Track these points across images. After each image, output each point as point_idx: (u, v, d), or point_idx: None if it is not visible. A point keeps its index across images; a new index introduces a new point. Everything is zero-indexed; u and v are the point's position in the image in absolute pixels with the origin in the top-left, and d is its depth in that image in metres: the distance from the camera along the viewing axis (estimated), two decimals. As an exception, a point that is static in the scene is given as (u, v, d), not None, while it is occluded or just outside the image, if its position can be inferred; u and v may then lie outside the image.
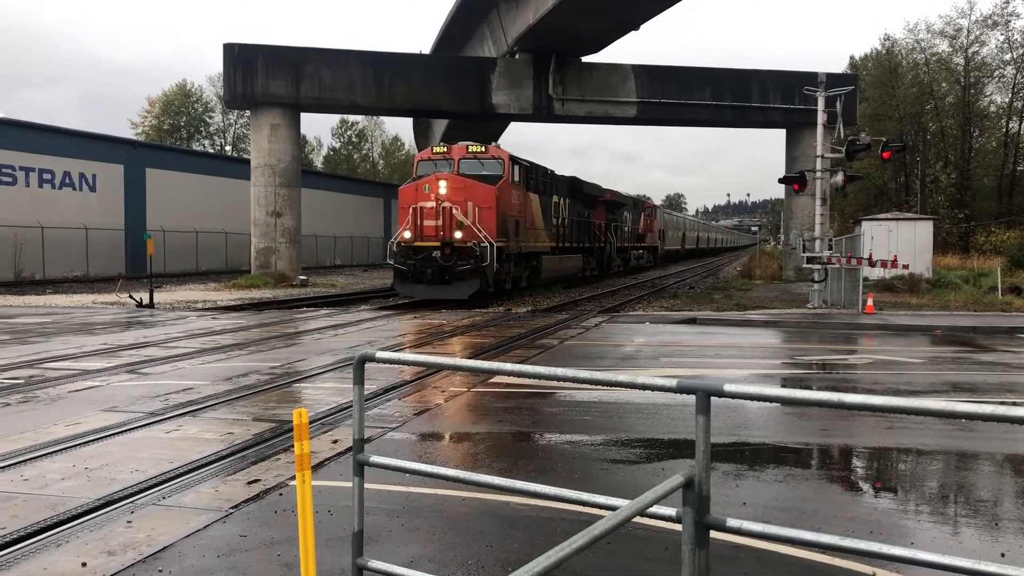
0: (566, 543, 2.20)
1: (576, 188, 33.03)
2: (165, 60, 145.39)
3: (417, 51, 44.59)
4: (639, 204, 49.92)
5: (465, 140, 26.37)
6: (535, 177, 27.53)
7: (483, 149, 24.43)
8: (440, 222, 22.54)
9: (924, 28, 57.94)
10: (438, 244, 22.56)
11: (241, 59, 33.47)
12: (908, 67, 58.93)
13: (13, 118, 39.90)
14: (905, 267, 23.31)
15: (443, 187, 22.71)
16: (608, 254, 39.43)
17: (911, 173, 57.60)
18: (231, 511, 5.41)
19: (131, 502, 5.59)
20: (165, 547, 4.76)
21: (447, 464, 6.59)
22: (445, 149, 24.77)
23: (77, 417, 8.23)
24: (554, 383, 9.89)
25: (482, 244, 22.40)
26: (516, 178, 25.03)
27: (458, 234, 22.48)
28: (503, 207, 23.67)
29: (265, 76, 33.58)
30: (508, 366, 3.31)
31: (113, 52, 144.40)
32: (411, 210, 22.83)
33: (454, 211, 22.46)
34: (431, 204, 22.65)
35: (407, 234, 22.97)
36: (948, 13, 64.97)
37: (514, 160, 24.93)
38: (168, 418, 8.26)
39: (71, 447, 7.05)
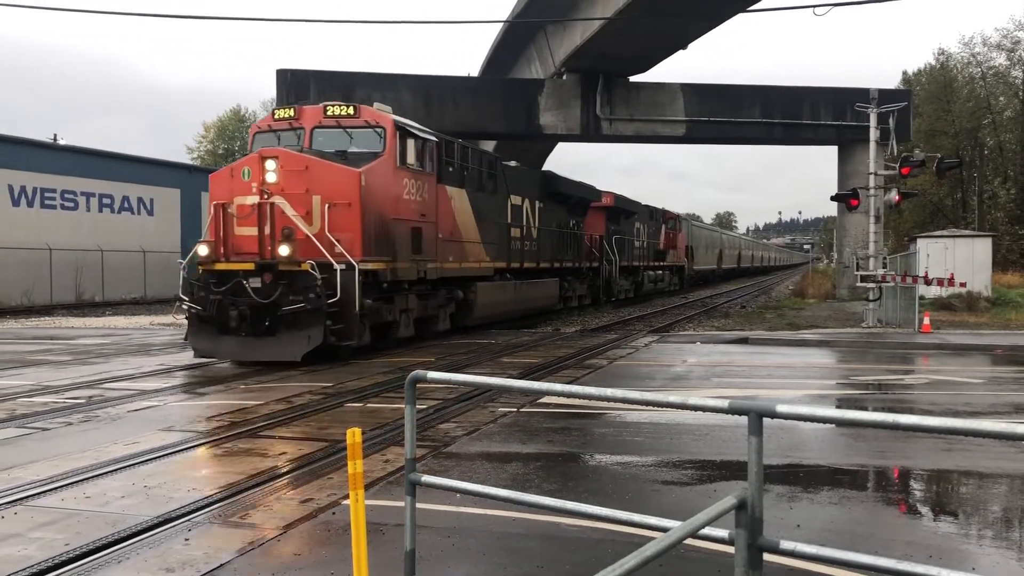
0: (617, 564, 2.20)
1: (550, 187, 24.73)
2: (230, 87, 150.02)
3: (465, 74, 45.03)
4: (657, 214, 40.60)
5: (513, 161, 23.68)
6: (461, 163, 18.85)
7: (351, 111, 15.49)
8: (262, 230, 14.07)
9: (980, 41, 56.90)
10: (253, 267, 13.96)
11: (294, 84, 34.14)
12: (964, 81, 57.91)
13: (75, 145, 41.28)
14: (962, 285, 22.80)
15: (271, 170, 13.87)
16: (608, 276, 30.86)
17: (968, 189, 56.44)
18: (285, 529, 5.49)
19: (188, 520, 5.70)
20: (221, 564, 4.85)
21: (497, 484, 6.59)
22: (292, 113, 15.93)
23: (136, 436, 8.42)
24: (604, 403, 9.85)
25: (334, 266, 13.60)
26: (409, 159, 16.04)
27: (285, 249, 13.60)
28: (377, 203, 14.93)
29: (317, 100, 34.10)
30: (558, 386, 3.32)
31: (180, 80, 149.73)
32: (213, 209, 14.56)
33: (283, 209, 13.98)
34: (250, 200, 14.18)
35: (203, 250, 14.22)
36: (1005, 25, 63.97)
37: (405, 131, 16.02)
38: (224, 438, 8.42)
39: (130, 465, 7.22)
